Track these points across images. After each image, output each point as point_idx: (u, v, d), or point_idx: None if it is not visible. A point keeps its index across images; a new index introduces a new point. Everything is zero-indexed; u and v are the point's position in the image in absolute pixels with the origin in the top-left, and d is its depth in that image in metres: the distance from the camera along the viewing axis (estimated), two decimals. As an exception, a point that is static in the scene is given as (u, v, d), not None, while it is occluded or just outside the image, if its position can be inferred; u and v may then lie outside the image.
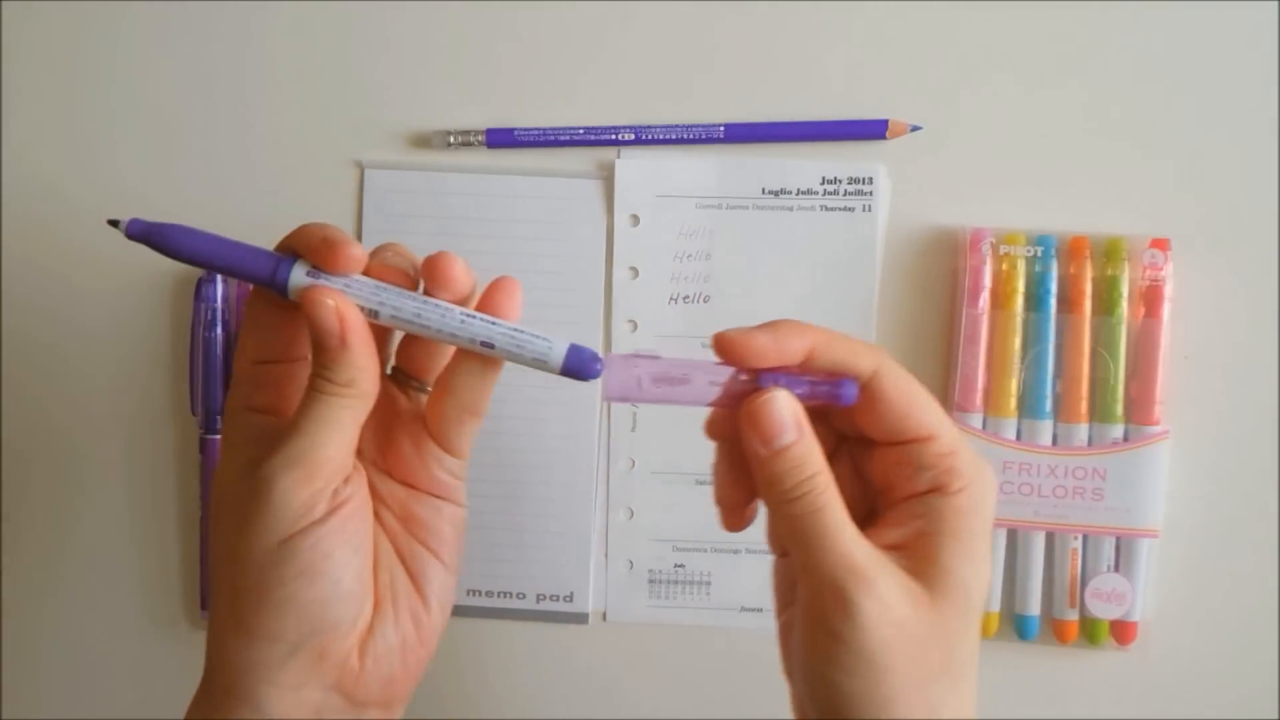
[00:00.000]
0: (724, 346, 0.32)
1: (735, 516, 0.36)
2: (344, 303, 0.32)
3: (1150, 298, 0.48)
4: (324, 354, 0.32)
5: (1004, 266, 0.49)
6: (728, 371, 0.33)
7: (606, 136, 0.50)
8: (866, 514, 0.34)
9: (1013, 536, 0.50)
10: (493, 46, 0.51)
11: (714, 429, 0.35)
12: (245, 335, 0.34)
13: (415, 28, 0.51)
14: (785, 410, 0.32)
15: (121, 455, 0.52)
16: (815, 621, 0.31)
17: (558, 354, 0.33)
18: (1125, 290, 0.48)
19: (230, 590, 0.32)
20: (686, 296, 0.51)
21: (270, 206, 0.51)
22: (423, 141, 0.51)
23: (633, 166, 0.51)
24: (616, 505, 0.52)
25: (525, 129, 0.50)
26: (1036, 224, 0.49)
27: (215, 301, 0.50)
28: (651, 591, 0.52)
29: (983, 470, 0.32)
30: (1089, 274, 0.49)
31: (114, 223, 0.33)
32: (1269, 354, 0.50)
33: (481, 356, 0.34)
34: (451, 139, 0.50)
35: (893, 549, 0.32)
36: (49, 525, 0.53)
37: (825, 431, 0.34)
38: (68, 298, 0.52)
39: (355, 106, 0.51)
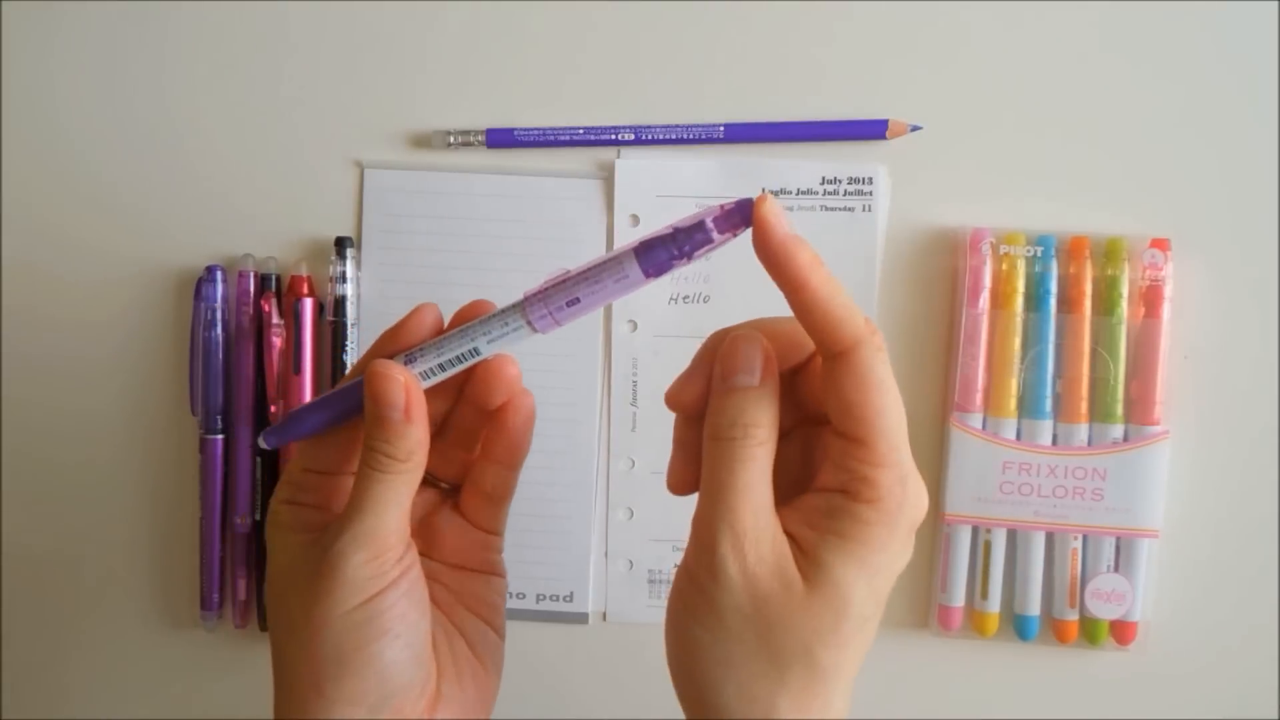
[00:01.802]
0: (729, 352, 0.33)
1: (681, 484, 0.35)
2: (409, 377, 0.34)
3: (1150, 298, 0.48)
4: (386, 428, 0.33)
5: (1004, 266, 0.49)
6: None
7: (606, 136, 0.50)
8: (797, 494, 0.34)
9: (1013, 536, 0.50)
10: (493, 46, 0.51)
11: (674, 400, 0.35)
12: (304, 448, 0.36)
13: (415, 28, 0.51)
14: (755, 354, 0.32)
15: (121, 455, 0.52)
16: (687, 568, 0.32)
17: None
18: (1125, 290, 0.48)
19: (309, 660, 0.34)
20: (686, 296, 0.51)
21: (270, 206, 0.51)
22: (423, 141, 0.51)
23: (633, 166, 0.51)
24: (616, 505, 0.52)
25: (525, 129, 0.50)
26: (1036, 224, 0.49)
27: (215, 301, 0.50)
28: (651, 591, 0.52)
29: (907, 491, 0.31)
30: (1089, 274, 0.49)
31: (257, 446, 0.38)
32: (1269, 354, 0.50)
33: (508, 455, 0.37)
34: (451, 139, 0.50)
35: (789, 535, 0.31)
36: (49, 525, 0.53)
37: (790, 406, 0.34)
38: (68, 298, 0.52)
39: (355, 106, 0.51)
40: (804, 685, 0.31)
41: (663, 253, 0.31)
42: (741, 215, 0.31)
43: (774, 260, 0.32)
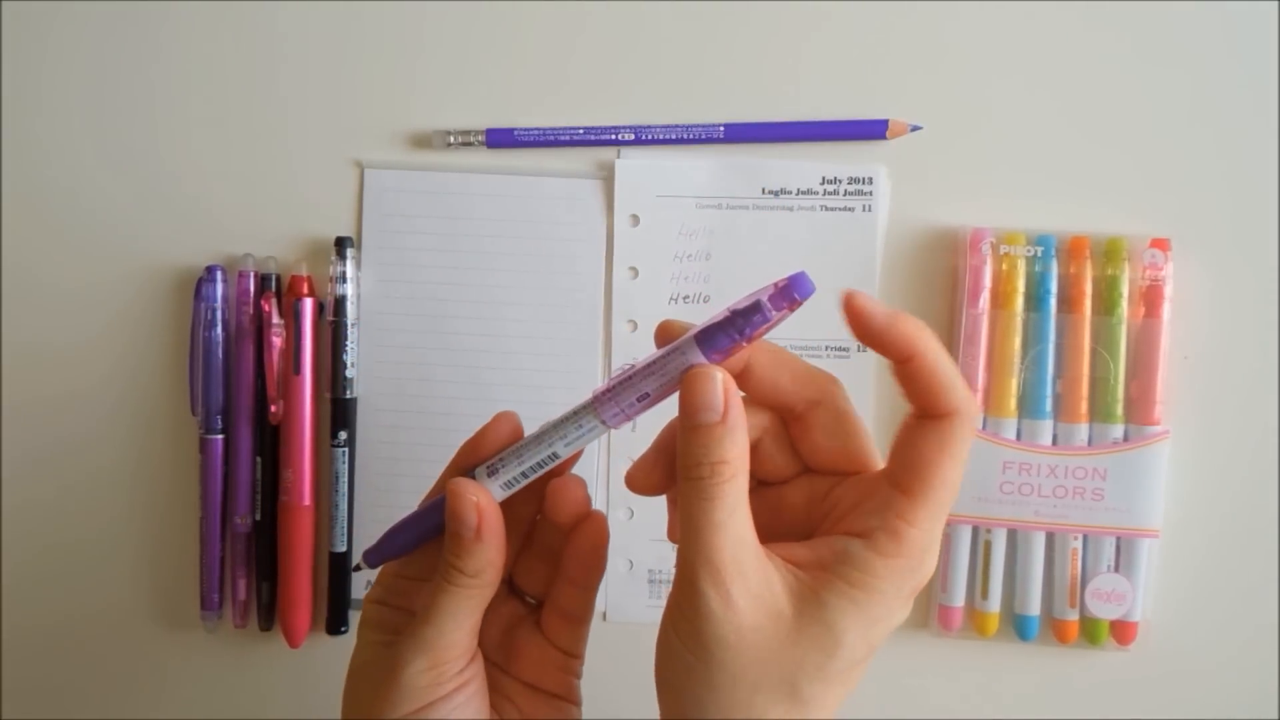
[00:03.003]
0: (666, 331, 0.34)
1: (640, 485, 0.36)
2: (483, 496, 0.34)
3: (1150, 298, 0.48)
4: (458, 544, 0.34)
5: (1004, 266, 0.49)
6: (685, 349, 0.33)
7: (606, 136, 0.50)
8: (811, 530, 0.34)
9: (1013, 536, 0.50)
10: (493, 46, 0.51)
11: (634, 484, 0.36)
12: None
13: (415, 28, 0.51)
14: (716, 389, 0.32)
15: (121, 455, 0.52)
16: (672, 600, 0.32)
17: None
18: (1125, 290, 0.48)
19: None
20: (686, 296, 0.51)
21: (270, 206, 0.51)
22: (423, 141, 0.51)
23: (633, 166, 0.51)
24: (616, 505, 0.52)
25: (525, 129, 0.50)
26: (1036, 224, 0.49)
27: (215, 301, 0.50)
28: (651, 591, 0.52)
29: (926, 563, 0.32)
30: (1089, 274, 0.49)
31: (358, 567, 0.38)
32: (1269, 354, 0.50)
33: (582, 575, 0.37)
34: (451, 139, 0.50)
35: (798, 565, 0.32)
36: (49, 525, 0.53)
37: (787, 454, 0.35)
38: (68, 298, 0.52)
39: (355, 106, 0.51)
40: (785, 713, 0.31)
41: (723, 338, 0.32)
42: (796, 290, 0.32)
43: (882, 341, 0.33)
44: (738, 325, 0.32)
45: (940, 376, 0.32)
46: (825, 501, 0.34)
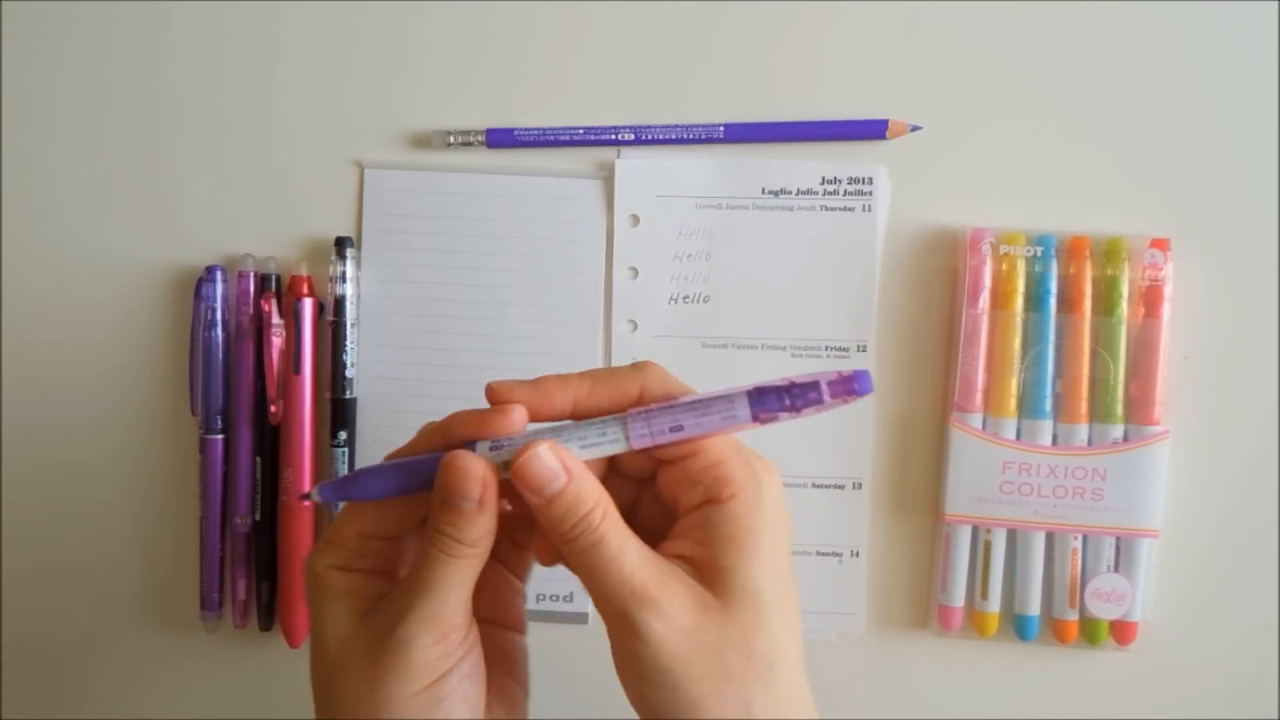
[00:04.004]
0: (491, 395, 0.34)
1: (543, 557, 0.37)
2: (487, 473, 0.34)
3: (1150, 298, 0.48)
4: (458, 516, 0.33)
5: (1004, 266, 0.49)
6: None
7: (606, 136, 0.50)
8: (666, 528, 0.35)
9: (1013, 536, 0.50)
10: (493, 46, 0.51)
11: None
12: (361, 512, 0.36)
13: (415, 28, 0.51)
14: (548, 460, 0.33)
15: (121, 455, 0.52)
16: (615, 643, 0.33)
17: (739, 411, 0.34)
18: (1125, 290, 0.48)
19: None
20: (686, 296, 0.51)
21: (270, 206, 0.51)
22: (423, 141, 0.51)
23: (633, 166, 0.51)
24: (616, 505, 0.51)
25: (525, 129, 0.50)
26: (1036, 224, 0.49)
27: (215, 301, 0.50)
28: (651, 591, 0.52)
29: (756, 471, 0.34)
30: (1089, 274, 0.49)
31: (306, 496, 0.36)
32: (1269, 354, 0.50)
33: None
34: (451, 139, 0.50)
35: (682, 559, 0.34)
36: (49, 525, 0.53)
37: (623, 479, 0.36)
38: (68, 297, 0.52)
39: (355, 106, 0.51)
40: (764, 685, 0.33)
41: (774, 402, 0.33)
42: (858, 385, 0.33)
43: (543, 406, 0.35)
44: (792, 397, 0.33)
45: (608, 387, 0.35)
46: (679, 483, 0.35)
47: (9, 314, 0.52)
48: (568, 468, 0.33)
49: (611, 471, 0.36)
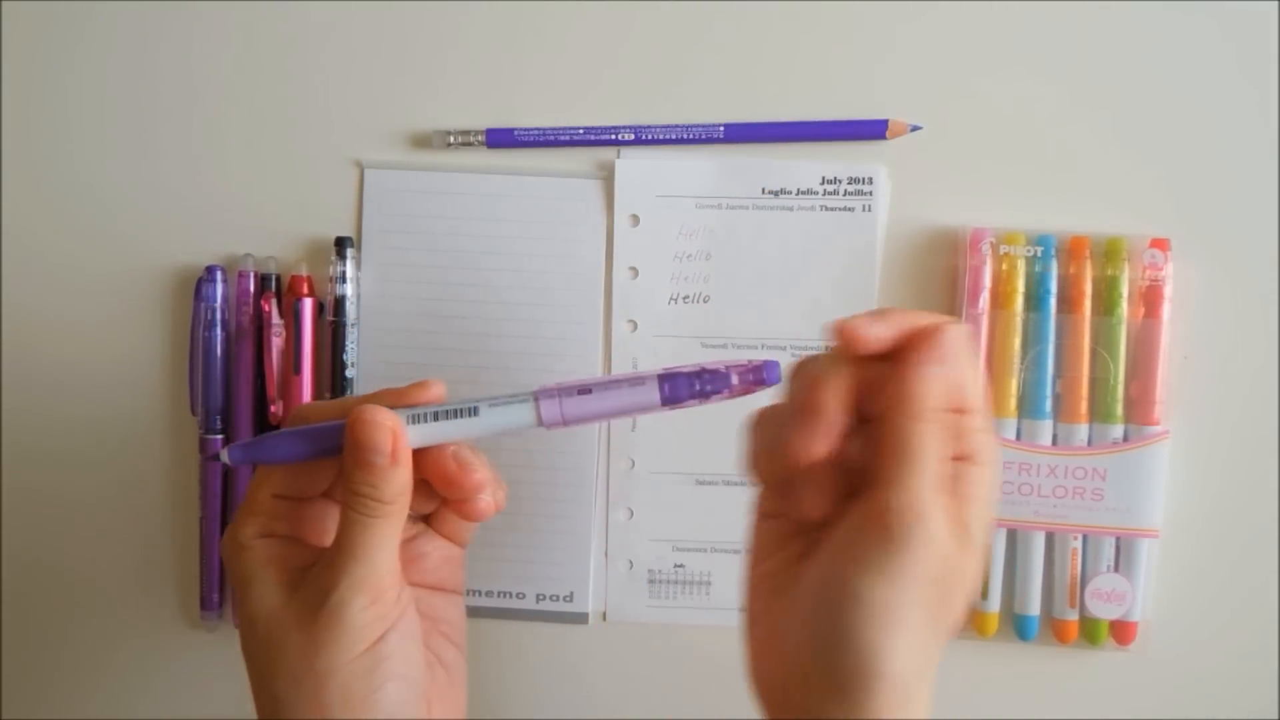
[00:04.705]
0: (843, 335, 0.33)
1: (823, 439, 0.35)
2: (396, 422, 0.34)
3: (1150, 298, 0.48)
4: (372, 473, 0.33)
5: (1004, 266, 0.49)
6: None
7: (606, 136, 0.50)
8: None
9: (1013, 536, 0.50)
10: (493, 46, 0.51)
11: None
12: (273, 472, 0.36)
13: (415, 28, 0.51)
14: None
15: (121, 455, 0.52)
16: (872, 542, 0.32)
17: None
18: (1125, 290, 0.48)
19: (314, 708, 0.34)
20: (686, 296, 0.51)
21: (270, 206, 0.51)
22: (423, 141, 0.51)
23: (633, 166, 0.51)
24: (616, 505, 0.52)
25: (525, 129, 0.50)
26: (1036, 224, 0.49)
27: (215, 301, 0.50)
28: (651, 591, 0.52)
29: (996, 451, 0.34)
30: (1089, 274, 0.49)
31: (215, 457, 0.37)
32: (1269, 354, 0.50)
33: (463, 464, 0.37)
34: (451, 139, 0.50)
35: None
36: (49, 525, 0.53)
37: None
38: (67, 297, 0.52)
39: (355, 106, 0.51)
40: (946, 633, 0.34)
41: (684, 389, 0.34)
42: (767, 374, 0.34)
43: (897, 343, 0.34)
44: (701, 383, 0.34)
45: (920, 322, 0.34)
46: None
47: (9, 314, 0.52)
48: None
49: None
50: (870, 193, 0.50)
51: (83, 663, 0.53)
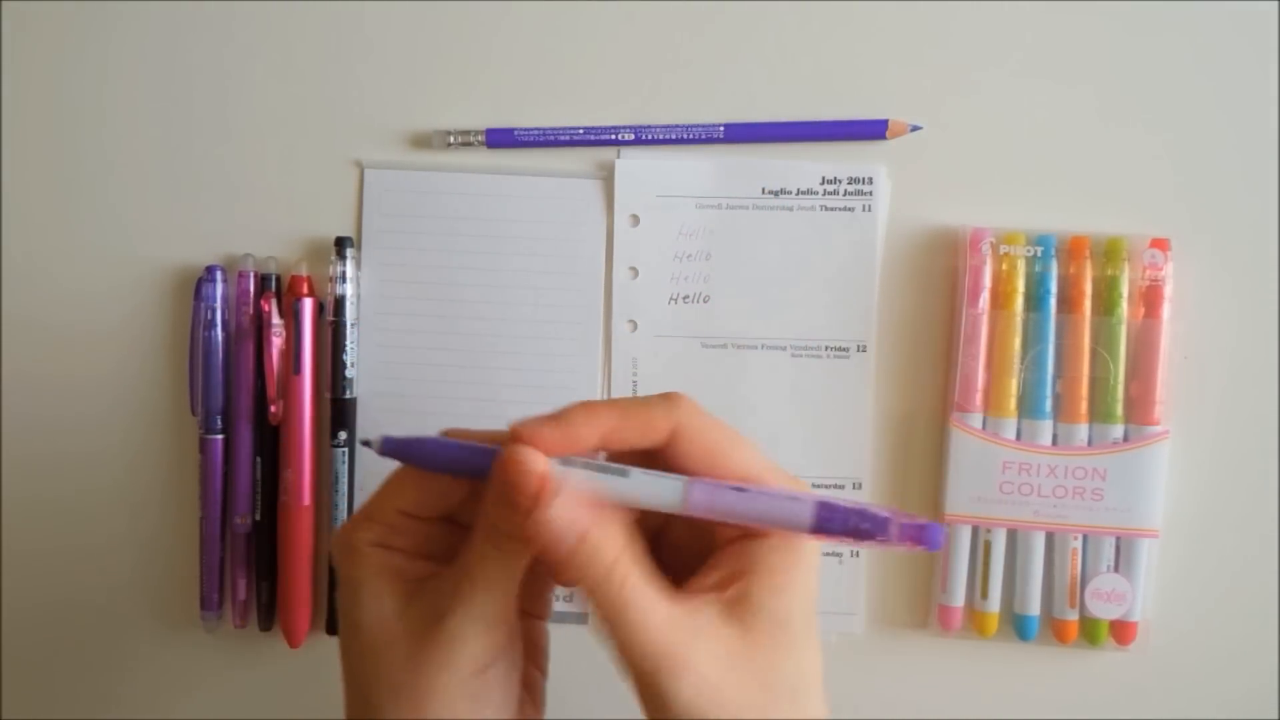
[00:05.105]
0: (516, 439, 0.32)
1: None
2: (547, 472, 0.32)
3: (1150, 298, 0.48)
4: (514, 513, 0.32)
5: (1004, 266, 0.49)
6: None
7: (606, 136, 0.50)
8: (696, 551, 0.35)
9: (1013, 536, 0.50)
10: (493, 46, 0.51)
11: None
12: (404, 488, 0.35)
13: (415, 28, 0.51)
14: (566, 514, 0.32)
15: (121, 455, 0.52)
16: (642, 697, 0.32)
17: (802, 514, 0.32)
18: (1125, 290, 0.48)
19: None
20: (686, 296, 0.51)
21: (270, 206, 0.51)
22: (423, 141, 0.51)
23: (633, 166, 0.51)
24: (616, 505, 0.51)
25: (525, 129, 0.50)
26: (1036, 224, 0.49)
27: (215, 301, 0.50)
28: (651, 591, 0.52)
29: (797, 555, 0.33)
30: (1089, 274, 0.49)
31: (366, 442, 0.35)
32: (1269, 354, 0.50)
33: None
34: (451, 139, 0.50)
35: (712, 589, 0.33)
36: (49, 525, 0.53)
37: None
38: (68, 298, 0.52)
39: (355, 106, 0.51)
40: (791, 708, 0.33)
41: (838, 524, 0.32)
42: (926, 540, 0.31)
43: (572, 445, 0.33)
44: (859, 525, 0.32)
45: (637, 420, 0.33)
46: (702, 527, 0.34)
47: (9, 314, 0.52)
48: (582, 522, 0.32)
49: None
50: (870, 193, 0.50)
51: (83, 663, 0.53)
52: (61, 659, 0.53)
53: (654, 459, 0.34)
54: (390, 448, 0.35)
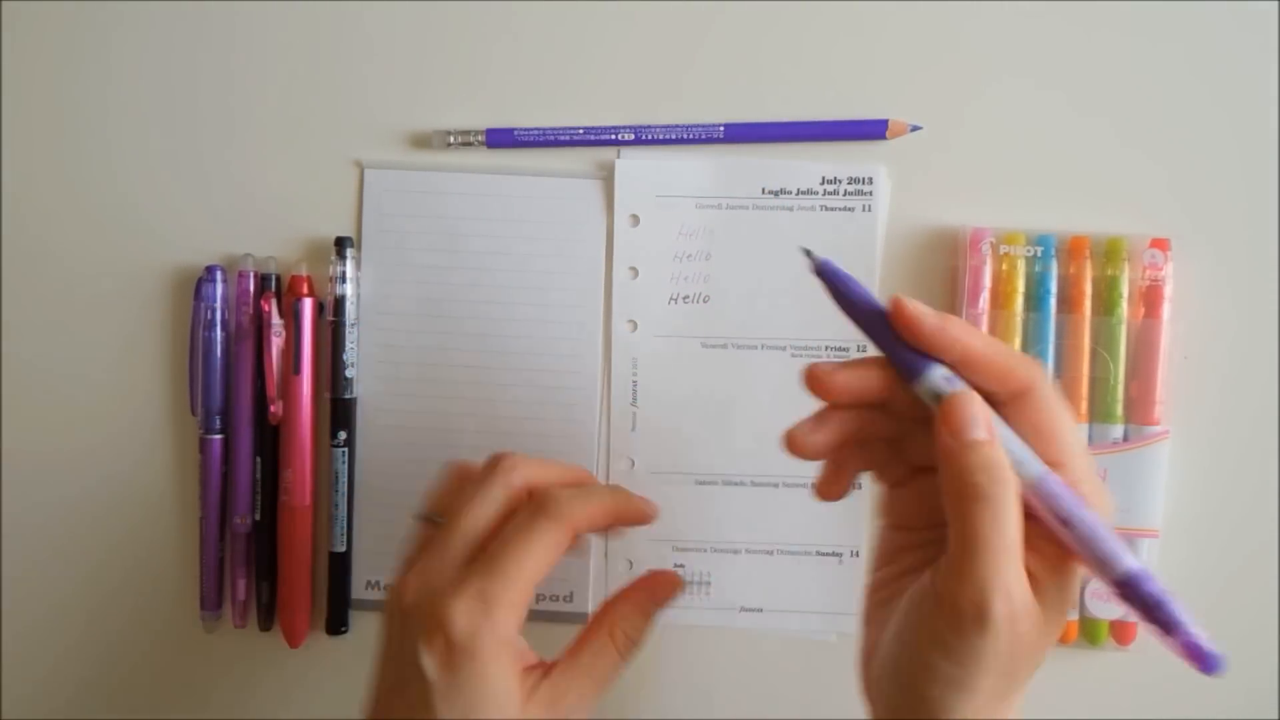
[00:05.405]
0: (917, 315, 0.34)
1: (834, 486, 0.37)
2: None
3: (1150, 298, 0.48)
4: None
5: (1004, 266, 0.49)
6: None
7: (606, 136, 0.50)
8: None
9: (1013, 536, 0.50)
10: (493, 46, 0.51)
11: (818, 386, 0.35)
12: (535, 561, 0.36)
13: (415, 28, 0.51)
14: (977, 408, 0.32)
15: (121, 455, 0.52)
16: (944, 611, 0.32)
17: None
18: (1125, 290, 0.48)
19: None
20: (686, 296, 0.51)
21: (270, 206, 0.51)
22: (423, 141, 0.51)
23: (633, 166, 0.51)
24: (616, 505, 0.51)
25: (525, 129, 0.50)
26: (1036, 224, 0.49)
27: (215, 301, 0.50)
28: (651, 591, 0.52)
29: (1104, 499, 0.33)
30: (1089, 274, 0.49)
31: (807, 252, 0.37)
32: (1269, 354, 0.50)
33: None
34: (451, 139, 0.50)
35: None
36: (49, 525, 0.53)
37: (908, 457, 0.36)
38: (67, 297, 0.52)
39: (355, 106, 0.51)
40: (1019, 695, 0.33)
41: (1142, 593, 0.31)
42: (1205, 665, 0.31)
43: (937, 346, 0.34)
44: (1154, 610, 0.31)
45: (999, 360, 0.33)
46: None
47: (9, 314, 0.52)
48: (990, 427, 0.32)
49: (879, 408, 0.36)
50: (870, 193, 0.50)
51: (83, 663, 0.53)
52: (61, 659, 0.53)
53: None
54: (829, 270, 0.37)
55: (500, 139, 0.50)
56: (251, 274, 0.50)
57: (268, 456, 0.51)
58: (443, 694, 0.34)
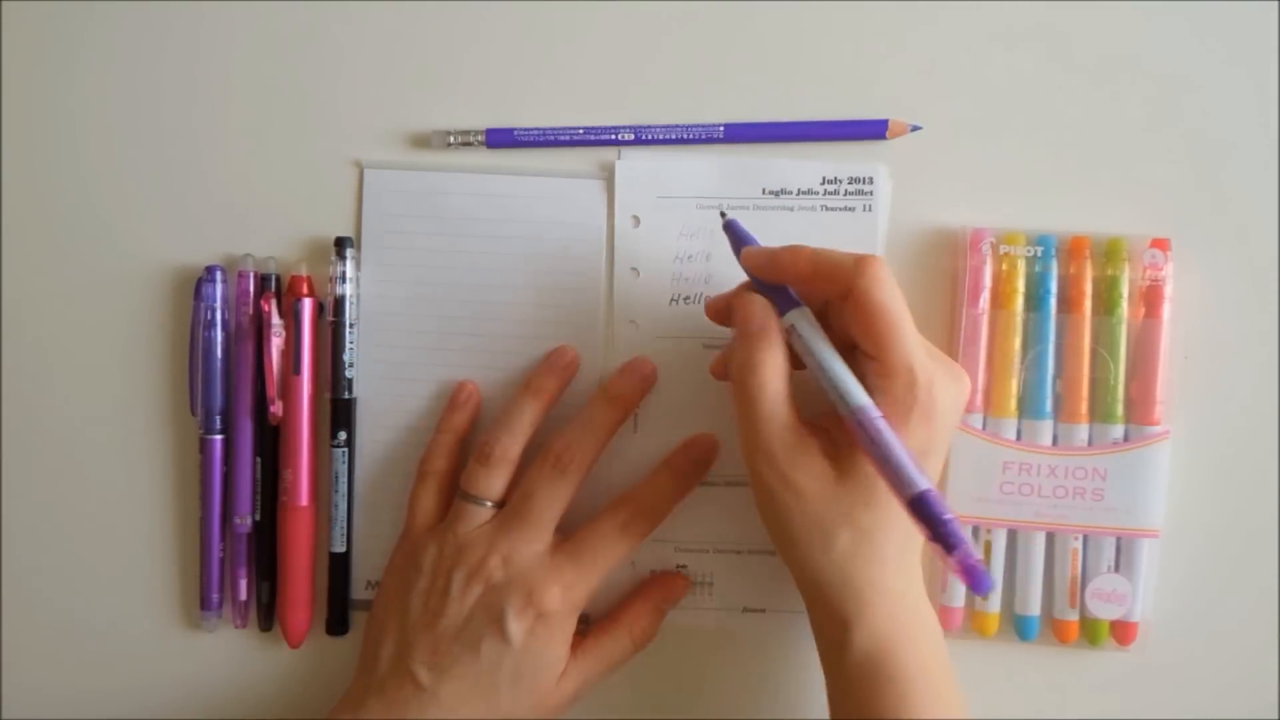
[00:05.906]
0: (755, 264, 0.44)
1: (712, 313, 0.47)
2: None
3: (1150, 298, 0.48)
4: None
5: (1004, 266, 0.49)
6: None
7: (606, 136, 0.50)
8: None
9: (1013, 536, 0.50)
10: (493, 46, 0.51)
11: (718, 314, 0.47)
12: (620, 557, 0.50)
13: (415, 28, 0.51)
14: (760, 309, 0.43)
15: (121, 455, 0.52)
16: (753, 486, 0.43)
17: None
18: (1125, 290, 0.48)
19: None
20: (687, 297, 0.51)
21: (270, 206, 0.51)
22: (423, 141, 0.51)
23: (633, 167, 0.51)
24: (617, 505, 0.51)
25: (525, 129, 0.50)
26: (1036, 224, 0.49)
27: (215, 301, 0.50)
28: (652, 592, 0.52)
29: (920, 395, 0.40)
30: (1089, 274, 0.49)
31: (722, 212, 0.47)
32: (1269, 354, 0.50)
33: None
34: (451, 139, 0.50)
35: (822, 431, 0.42)
36: (49, 525, 0.53)
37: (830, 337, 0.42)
38: (68, 297, 0.52)
39: (355, 106, 0.51)
40: (853, 543, 0.41)
41: (927, 513, 0.38)
42: (975, 584, 0.37)
43: (769, 272, 0.44)
44: (939, 528, 0.37)
45: (824, 270, 0.42)
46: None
47: (9, 314, 0.52)
48: (766, 324, 0.42)
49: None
50: (870, 193, 0.50)
51: (83, 663, 0.53)
52: (61, 659, 0.53)
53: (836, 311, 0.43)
54: (733, 228, 0.46)
55: (500, 139, 0.50)
56: (251, 274, 0.50)
57: (268, 456, 0.51)
58: (524, 647, 0.45)
